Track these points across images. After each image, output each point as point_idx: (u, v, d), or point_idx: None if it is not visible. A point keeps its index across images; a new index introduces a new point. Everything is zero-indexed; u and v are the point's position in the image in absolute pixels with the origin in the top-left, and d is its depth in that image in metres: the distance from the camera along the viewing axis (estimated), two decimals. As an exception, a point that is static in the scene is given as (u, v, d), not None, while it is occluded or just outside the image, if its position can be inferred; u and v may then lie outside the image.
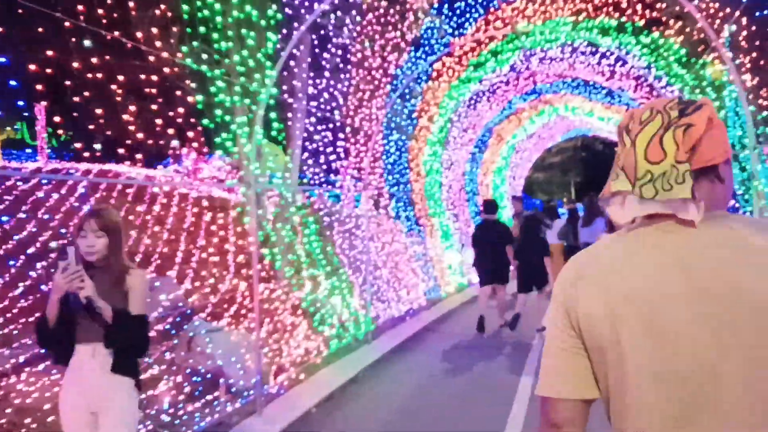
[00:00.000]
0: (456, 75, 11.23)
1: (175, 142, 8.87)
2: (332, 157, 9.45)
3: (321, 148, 9.32)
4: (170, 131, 6.85)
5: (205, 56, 6.96)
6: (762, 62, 7.62)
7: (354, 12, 9.13)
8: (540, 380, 1.53)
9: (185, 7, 6.63)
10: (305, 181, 9.82)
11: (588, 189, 39.90)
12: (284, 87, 8.58)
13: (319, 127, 9.21)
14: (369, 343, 9.04)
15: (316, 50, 9.29)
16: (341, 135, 9.40)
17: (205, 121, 6.51)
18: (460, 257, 16.04)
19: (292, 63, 8.56)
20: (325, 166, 10.40)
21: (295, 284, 10.62)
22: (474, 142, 15.72)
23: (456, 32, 10.25)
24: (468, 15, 10.08)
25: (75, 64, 6.00)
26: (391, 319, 10.58)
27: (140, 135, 6.67)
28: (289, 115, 9.84)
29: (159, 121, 6.81)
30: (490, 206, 10.79)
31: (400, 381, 7.71)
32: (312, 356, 7.94)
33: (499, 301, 10.51)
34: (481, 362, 8.47)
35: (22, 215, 8.22)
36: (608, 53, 9.99)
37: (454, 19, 10.27)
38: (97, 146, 9.98)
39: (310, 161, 10.08)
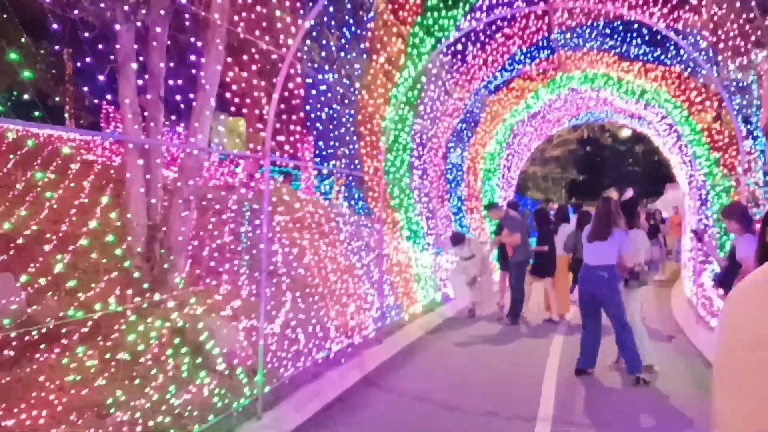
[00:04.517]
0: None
1: None
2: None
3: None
4: None
5: None
6: None
7: None
8: None
9: None
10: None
11: (581, 191, 36.46)
12: None
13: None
14: (257, 420, 5.42)
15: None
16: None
17: None
18: (433, 264, 12.47)
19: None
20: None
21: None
22: (460, 113, 12.05)
23: None
24: None
25: None
26: (314, 364, 6.97)
27: None
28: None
29: None
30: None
31: None
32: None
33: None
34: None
35: None
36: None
37: None
38: None
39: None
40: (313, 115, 7.46)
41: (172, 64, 8.06)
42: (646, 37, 9.42)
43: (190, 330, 6.28)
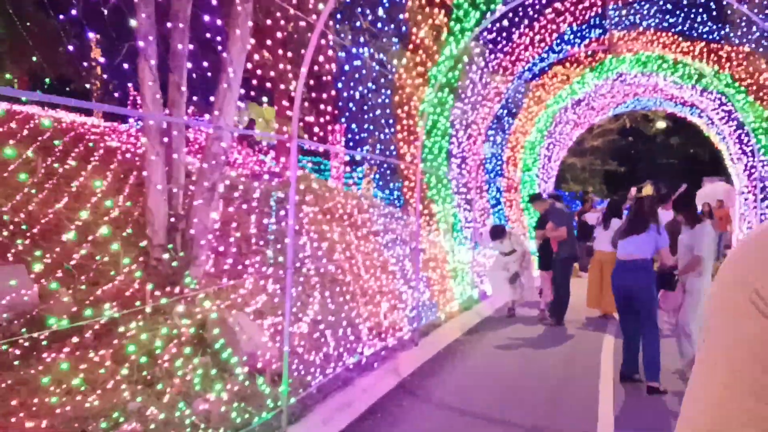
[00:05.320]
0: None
1: None
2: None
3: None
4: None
5: None
6: None
7: None
8: None
9: None
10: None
11: (618, 182, 35.34)
12: None
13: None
14: (280, 434, 4.83)
15: None
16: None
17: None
18: (471, 259, 11.79)
19: None
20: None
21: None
22: (502, 97, 11.28)
23: None
24: None
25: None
26: (344, 370, 6.37)
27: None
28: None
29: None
30: None
31: None
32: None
33: None
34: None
35: None
36: None
37: None
38: None
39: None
40: (345, 94, 6.81)
41: (195, 44, 7.54)
42: (714, 12, 8.55)
43: (206, 332, 5.74)
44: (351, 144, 8.12)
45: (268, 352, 5.80)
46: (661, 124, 27.94)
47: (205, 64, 6.43)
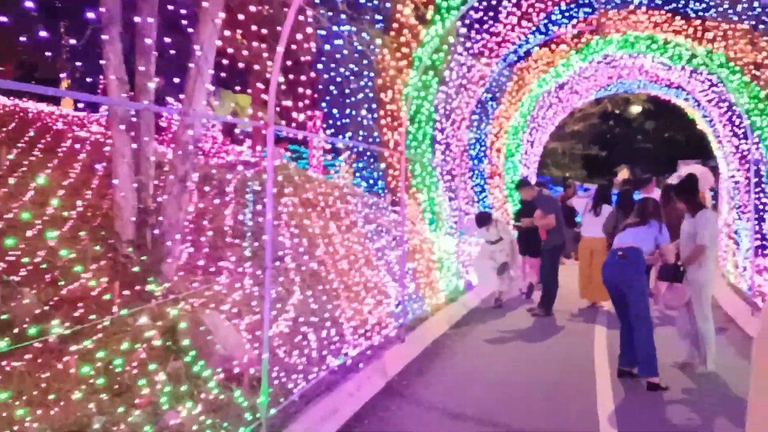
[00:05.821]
0: None
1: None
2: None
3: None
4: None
5: None
6: None
7: None
8: None
9: None
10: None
11: (600, 168, 35.31)
12: None
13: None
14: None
15: None
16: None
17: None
18: (454, 248, 11.41)
19: None
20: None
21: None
22: (486, 81, 10.86)
23: None
24: None
25: None
26: (329, 372, 5.97)
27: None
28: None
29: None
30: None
31: None
32: None
33: None
34: None
35: None
36: None
37: None
38: None
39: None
40: (325, 76, 6.37)
41: (165, 23, 7.05)
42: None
43: (178, 337, 5.31)
44: (332, 131, 7.69)
45: (246, 356, 5.40)
46: (635, 108, 27.75)
47: (167, 39, 5.94)
